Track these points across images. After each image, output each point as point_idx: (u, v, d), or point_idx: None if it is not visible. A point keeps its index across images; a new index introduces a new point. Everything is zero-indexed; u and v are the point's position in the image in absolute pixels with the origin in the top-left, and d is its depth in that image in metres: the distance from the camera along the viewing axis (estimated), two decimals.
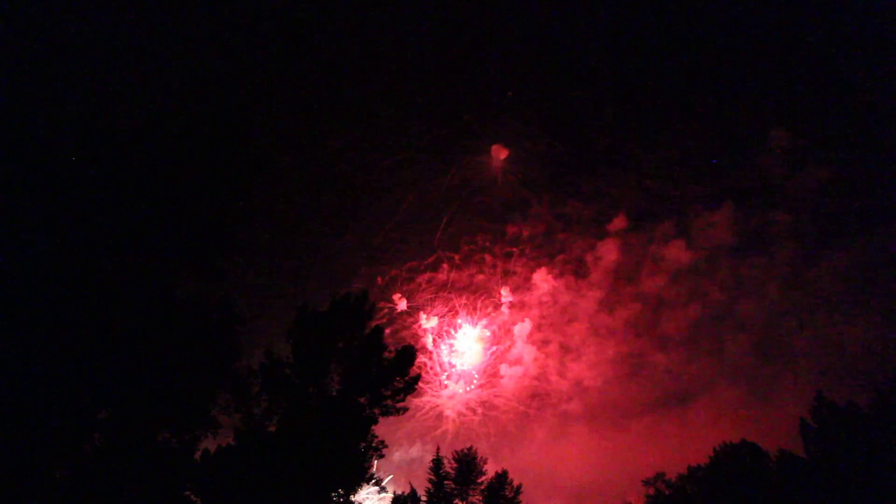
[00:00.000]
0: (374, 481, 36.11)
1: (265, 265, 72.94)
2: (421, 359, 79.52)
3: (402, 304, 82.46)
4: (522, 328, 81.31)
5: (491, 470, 44.10)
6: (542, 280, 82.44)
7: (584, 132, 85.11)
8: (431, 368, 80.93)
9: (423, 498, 40.95)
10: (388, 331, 74.10)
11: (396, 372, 35.43)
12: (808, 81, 76.29)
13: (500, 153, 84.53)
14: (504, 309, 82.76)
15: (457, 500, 41.77)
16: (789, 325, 74.34)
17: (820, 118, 75.67)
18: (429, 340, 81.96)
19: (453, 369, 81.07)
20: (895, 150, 70.69)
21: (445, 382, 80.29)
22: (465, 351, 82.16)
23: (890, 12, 67.79)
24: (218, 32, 70.73)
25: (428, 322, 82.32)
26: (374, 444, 34.79)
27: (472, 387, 79.95)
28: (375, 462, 35.95)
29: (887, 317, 66.25)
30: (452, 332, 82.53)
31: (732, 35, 77.54)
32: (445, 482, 42.40)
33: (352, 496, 34.42)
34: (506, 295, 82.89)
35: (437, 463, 43.04)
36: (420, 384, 70.35)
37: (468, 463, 43.48)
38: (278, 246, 76.35)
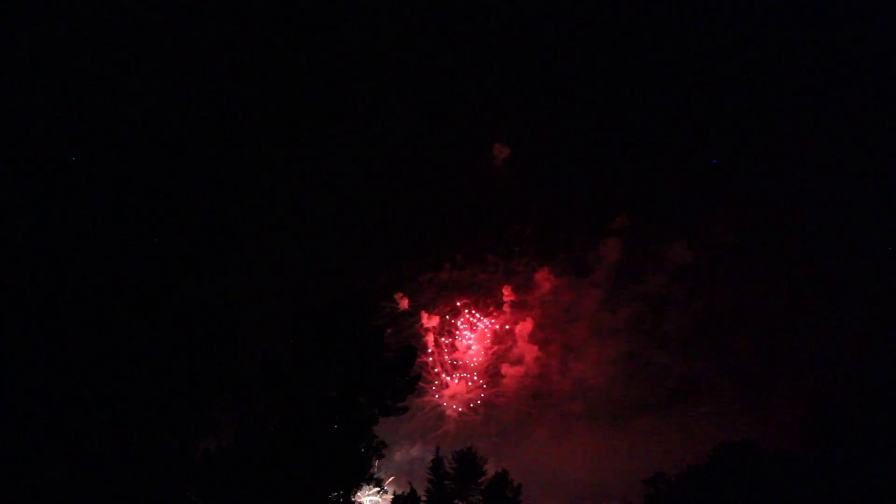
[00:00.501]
0: (374, 481, 36.13)
1: (265, 265, 72.94)
2: (423, 358, 79.63)
3: (404, 304, 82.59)
4: (524, 327, 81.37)
5: (491, 470, 44.08)
6: (544, 279, 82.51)
7: (587, 131, 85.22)
8: (433, 368, 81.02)
9: (423, 498, 40.92)
10: (389, 330, 73.93)
11: (396, 372, 35.48)
12: (809, 80, 76.29)
13: (502, 152, 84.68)
14: (505, 308, 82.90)
15: (457, 500, 41.73)
16: (790, 324, 74.27)
17: (822, 117, 75.66)
18: (430, 340, 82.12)
19: (454, 369, 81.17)
20: None
21: (447, 382, 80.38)
22: (467, 350, 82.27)
23: (890, 12, 67.69)
24: (218, 32, 70.78)
25: (429, 321, 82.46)
26: (374, 445, 34.86)
27: (473, 386, 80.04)
28: (375, 462, 36.01)
29: (888, 316, 66.14)
30: (454, 331, 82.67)
31: (734, 34, 77.51)
32: (445, 482, 42.37)
33: (352, 496, 34.48)
34: (507, 294, 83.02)
35: (437, 463, 42.98)
36: (421, 384, 70.72)
37: (468, 463, 43.44)
38: (278, 246, 76.34)
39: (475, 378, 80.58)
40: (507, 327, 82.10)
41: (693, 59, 78.86)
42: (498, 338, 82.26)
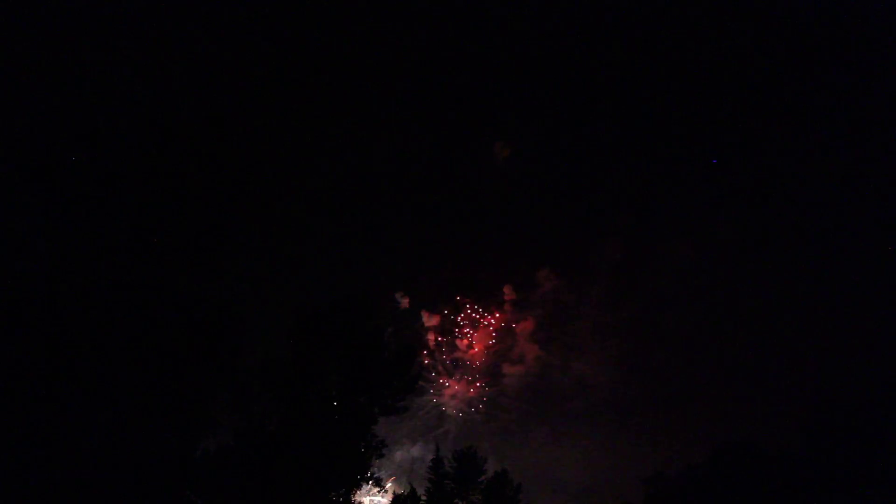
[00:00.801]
0: (374, 481, 36.15)
1: (265, 265, 72.94)
2: (423, 357, 79.65)
3: (404, 303, 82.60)
4: (525, 326, 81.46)
5: (491, 469, 44.14)
6: (545, 278, 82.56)
7: (587, 130, 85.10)
8: (433, 367, 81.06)
9: (423, 497, 40.96)
10: (389, 330, 74.10)
11: (396, 371, 35.53)
12: (810, 80, 76.21)
13: (502, 152, 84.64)
14: (506, 307, 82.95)
15: (457, 500, 41.77)
16: (790, 324, 74.24)
17: (822, 116, 75.58)
18: (431, 339, 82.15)
19: (455, 368, 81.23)
20: None
21: (447, 381, 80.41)
22: (468, 349, 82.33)
23: (890, 12, 67.61)
24: (217, 32, 70.81)
25: (430, 320, 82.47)
26: (373, 444, 34.90)
27: (474, 385, 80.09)
28: (375, 462, 36.04)
29: (888, 316, 66.12)
30: (455, 330, 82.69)
31: (734, 33, 77.42)
32: (445, 482, 42.40)
33: (352, 496, 34.50)
34: (508, 293, 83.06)
35: (437, 462, 43.03)
36: (422, 383, 70.60)
37: (468, 462, 43.46)
38: (278, 246, 76.28)
39: (476, 377, 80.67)
40: (513, 325, 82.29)
41: (693, 58, 78.82)
42: (499, 337, 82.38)
